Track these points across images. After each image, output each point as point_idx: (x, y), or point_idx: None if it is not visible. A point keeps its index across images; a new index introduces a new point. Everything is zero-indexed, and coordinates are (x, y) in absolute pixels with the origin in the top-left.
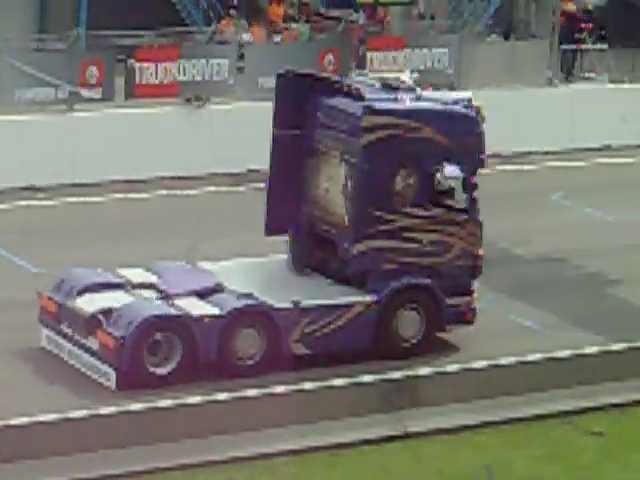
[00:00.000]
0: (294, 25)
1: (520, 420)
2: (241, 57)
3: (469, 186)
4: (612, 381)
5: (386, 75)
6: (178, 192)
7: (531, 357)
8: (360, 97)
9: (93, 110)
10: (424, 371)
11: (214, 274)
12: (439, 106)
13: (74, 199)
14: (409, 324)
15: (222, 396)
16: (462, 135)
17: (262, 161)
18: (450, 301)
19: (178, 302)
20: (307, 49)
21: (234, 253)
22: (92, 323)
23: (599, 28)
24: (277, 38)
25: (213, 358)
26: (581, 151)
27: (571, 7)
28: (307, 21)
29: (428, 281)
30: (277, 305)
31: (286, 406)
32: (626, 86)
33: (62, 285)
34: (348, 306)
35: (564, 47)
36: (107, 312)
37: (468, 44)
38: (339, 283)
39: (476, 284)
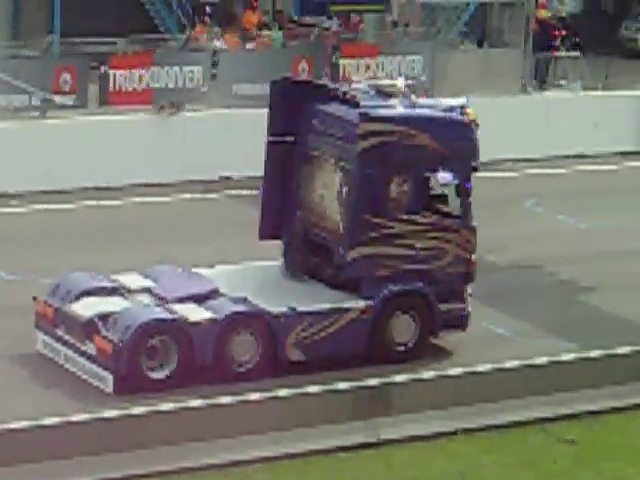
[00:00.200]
0: (267, 32)
1: (494, 427)
2: (214, 64)
3: (463, 192)
4: (586, 388)
5: (381, 82)
6: (151, 199)
7: (508, 364)
8: (356, 104)
9: (66, 117)
10: (399, 378)
11: (209, 279)
12: (434, 113)
13: (47, 206)
14: (403, 329)
15: (196, 403)
16: (456, 142)
17: (236, 168)
18: (444, 307)
19: (174, 307)
20: (281, 56)
21: (207, 260)
22: (89, 328)
23: (573, 36)
24: (250, 45)
25: (209, 363)
26: (554, 158)
27: (545, 15)
28: (280, 28)
29: (422, 287)
30: (273, 310)
31: (261, 413)
32: (599, 93)
33: (58, 290)
34: (343, 311)
35: (538, 55)
36: (104, 317)
37: (442, 51)
38: (333, 289)
39: (469, 290)
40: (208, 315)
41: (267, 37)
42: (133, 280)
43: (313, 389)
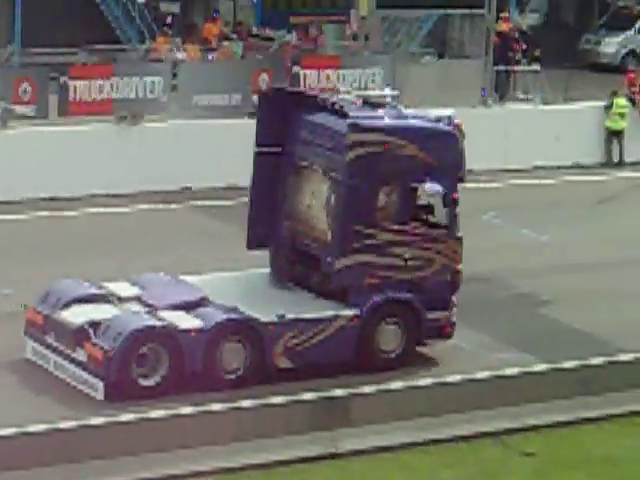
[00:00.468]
0: (228, 44)
1: (453, 439)
2: (175, 75)
3: (450, 203)
4: (545, 401)
5: (368, 93)
6: (110, 210)
7: (479, 375)
8: (344, 114)
9: (27, 127)
10: (359, 389)
11: (198, 287)
12: (422, 124)
13: (5, 217)
14: (390, 338)
15: (157, 414)
16: (444, 152)
17: (196, 179)
18: (430, 315)
19: (164, 315)
20: (241, 68)
21: (167, 271)
22: (80, 335)
23: (533, 48)
24: (211, 57)
25: (199, 370)
26: (514, 171)
27: (505, 27)
28: (241, 40)
29: (409, 296)
30: (262, 318)
31: (222, 424)
32: (559, 107)
33: (48, 297)
34: (331, 320)
35: (498, 68)
36: (95, 324)
37: (402, 64)
38: (320, 297)
39: (455, 299)
40: (197, 323)
41: (227, 48)
42: (122, 288)
43: (275, 400)
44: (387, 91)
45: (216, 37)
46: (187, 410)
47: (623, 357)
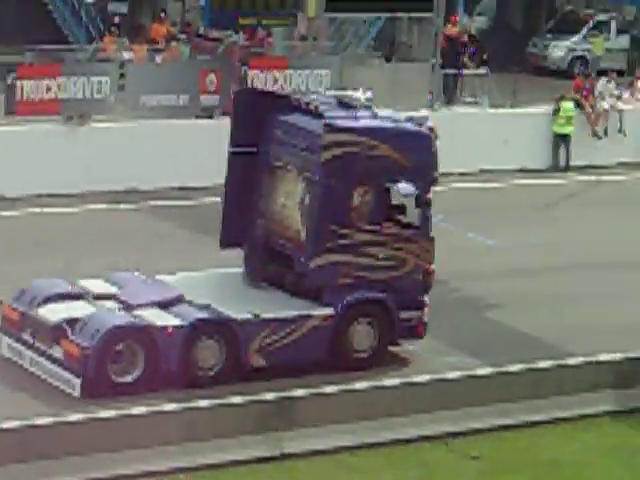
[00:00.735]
0: (175, 44)
1: (398, 442)
2: (122, 75)
3: (423, 203)
4: (491, 404)
5: (341, 93)
6: (58, 210)
7: (417, 378)
8: (319, 115)
9: None
10: (300, 392)
11: (173, 286)
12: (396, 125)
13: None
14: (363, 337)
15: (106, 414)
16: (417, 153)
17: (143, 179)
18: (403, 315)
19: (140, 313)
20: (188, 68)
21: (110, 270)
22: (57, 332)
23: (481, 52)
24: (159, 57)
25: (174, 368)
26: (461, 175)
27: (453, 31)
28: (188, 40)
29: (382, 295)
30: (237, 317)
31: (174, 424)
32: (507, 110)
33: (24, 295)
34: (305, 319)
35: (445, 71)
36: (72, 321)
37: (349, 66)
38: (294, 296)
39: (427, 299)
40: (174, 321)
41: (175, 49)
42: (98, 286)
43: (229, 400)
44: (361, 92)
45: (164, 38)
46: (140, 410)
47: (570, 360)
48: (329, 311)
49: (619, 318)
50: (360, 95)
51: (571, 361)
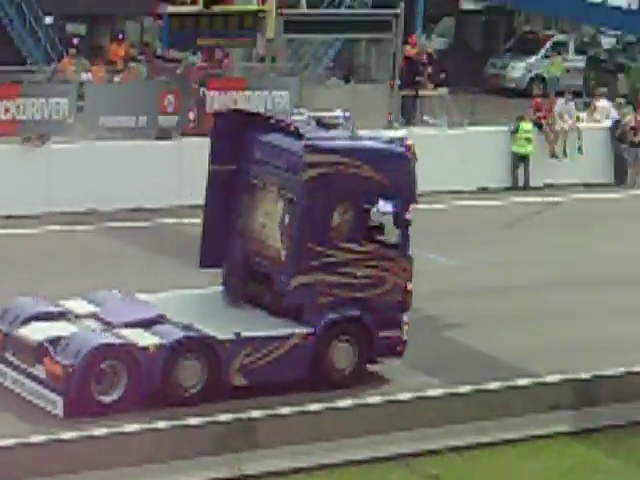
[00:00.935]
0: (134, 65)
1: (357, 462)
2: (81, 96)
3: (402, 223)
4: (450, 424)
5: (321, 113)
6: (16, 231)
7: (370, 400)
8: (300, 135)
9: None
10: (258, 413)
11: (153, 305)
12: (376, 145)
13: None
14: (342, 355)
15: (68, 435)
16: (397, 173)
17: (102, 200)
18: (381, 333)
19: (122, 332)
20: (147, 89)
21: (72, 292)
22: (39, 351)
23: (440, 73)
24: (117, 78)
25: (157, 387)
26: (420, 195)
27: (412, 52)
28: (146, 61)
29: (361, 314)
30: (219, 336)
31: (136, 445)
32: (466, 130)
33: (6, 314)
34: (286, 338)
35: (404, 92)
36: (54, 341)
37: (308, 87)
38: (274, 315)
39: (406, 318)
40: (156, 340)
41: (134, 70)
42: (79, 305)
43: (188, 421)
44: (339, 113)
45: (122, 58)
46: (100, 432)
47: (521, 382)
48: (309, 330)
49: (577, 337)
50: (339, 116)
51: (523, 382)
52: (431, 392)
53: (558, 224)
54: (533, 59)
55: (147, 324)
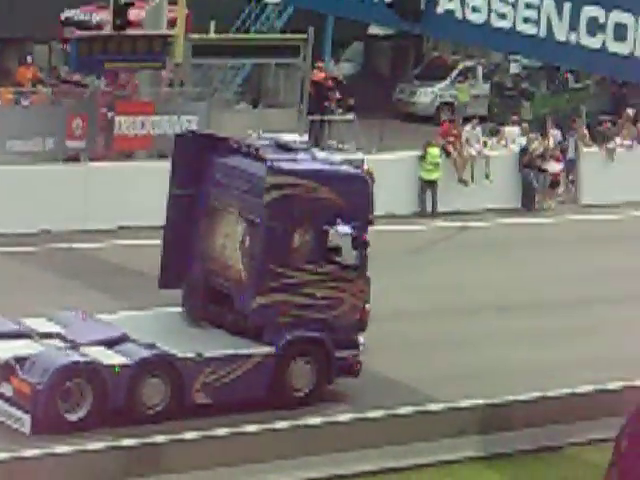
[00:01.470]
0: (43, 88)
1: None
2: None
3: (360, 244)
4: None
5: (279, 136)
6: None
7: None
8: (260, 157)
9: None
10: (162, 439)
11: (116, 325)
12: (334, 167)
13: None
14: (301, 375)
15: (31, 453)
16: (354, 195)
17: (4, 224)
18: (339, 354)
19: (87, 351)
20: (55, 113)
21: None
22: (5, 370)
23: (347, 98)
24: (25, 101)
25: (121, 405)
26: None
27: (320, 77)
28: (51, 85)
29: (320, 334)
30: (181, 355)
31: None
32: (373, 156)
33: None
34: (246, 357)
35: (312, 117)
36: (20, 359)
37: (216, 111)
38: (234, 335)
39: (362, 339)
40: (120, 359)
41: (41, 93)
42: (41, 324)
43: (90, 446)
44: (296, 135)
45: (30, 81)
46: (31, 452)
47: (432, 407)
48: (269, 349)
49: (479, 363)
50: (296, 138)
51: (432, 407)
52: (340, 417)
53: (466, 250)
54: (441, 85)
55: (111, 343)
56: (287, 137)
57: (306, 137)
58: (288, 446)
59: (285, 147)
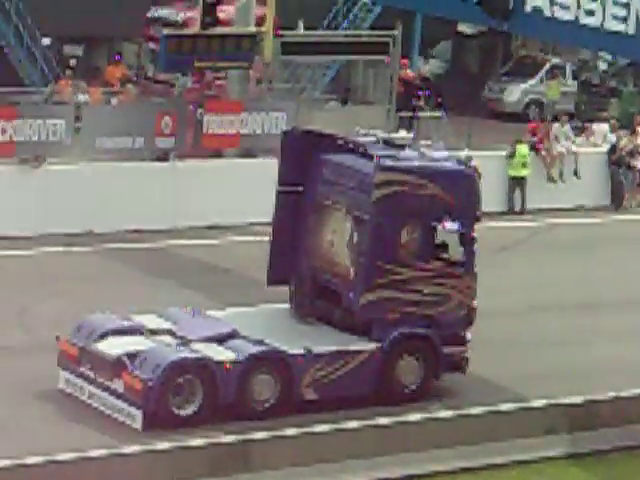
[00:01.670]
0: (131, 87)
1: None
2: (78, 118)
3: (467, 240)
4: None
5: (388, 134)
6: (12, 252)
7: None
8: (369, 155)
9: None
10: (259, 435)
11: (226, 321)
12: (442, 164)
13: None
14: (409, 371)
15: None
16: (462, 191)
17: (99, 222)
18: (446, 350)
19: (198, 347)
20: (144, 111)
21: (68, 314)
22: (117, 366)
23: (436, 96)
24: (114, 100)
25: (231, 401)
26: None
27: (409, 74)
28: (139, 83)
29: (428, 330)
30: (291, 351)
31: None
32: (462, 154)
33: (81, 330)
34: (355, 353)
35: (401, 114)
36: (131, 356)
37: (305, 109)
38: (342, 331)
39: (469, 335)
40: (231, 355)
41: (130, 92)
42: (152, 321)
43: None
44: (403, 132)
45: (119, 80)
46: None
47: (525, 404)
48: (377, 345)
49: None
50: (404, 135)
51: (526, 404)
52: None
53: (553, 248)
54: (530, 82)
55: (221, 340)
56: (397, 135)
57: (412, 135)
58: (358, 446)
59: (392, 144)
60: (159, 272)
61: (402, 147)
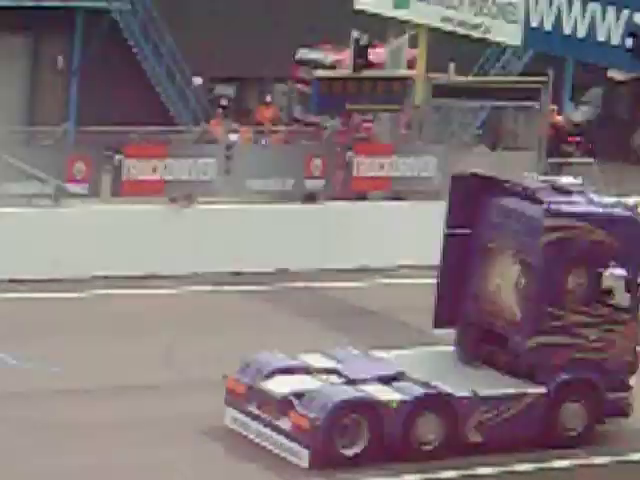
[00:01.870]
0: (282, 128)
1: None
2: (228, 158)
3: (634, 286)
4: None
5: (554, 178)
6: (159, 292)
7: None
8: (537, 200)
9: (79, 206)
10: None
11: (391, 362)
12: (610, 210)
13: (56, 295)
14: (573, 416)
15: None
16: (628, 237)
17: (247, 263)
18: (610, 396)
19: (364, 387)
20: (293, 153)
21: (216, 353)
22: (284, 404)
23: (586, 142)
24: (264, 140)
25: (396, 442)
26: None
27: (559, 120)
28: (288, 124)
29: (593, 376)
30: (457, 394)
31: None
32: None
33: (248, 368)
34: (520, 397)
35: (551, 159)
36: (298, 394)
37: (455, 153)
38: (506, 375)
39: (633, 381)
40: (397, 396)
41: (280, 133)
42: (317, 360)
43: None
44: (570, 178)
45: (269, 121)
46: None
47: None
48: (543, 390)
49: None
50: (573, 181)
51: None
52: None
53: None
54: None
55: (387, 380)
56: (563, 179)
57: (580, 180)
58: None
59: (561, 189)
60: (305, 313)
61: (570, 193)
